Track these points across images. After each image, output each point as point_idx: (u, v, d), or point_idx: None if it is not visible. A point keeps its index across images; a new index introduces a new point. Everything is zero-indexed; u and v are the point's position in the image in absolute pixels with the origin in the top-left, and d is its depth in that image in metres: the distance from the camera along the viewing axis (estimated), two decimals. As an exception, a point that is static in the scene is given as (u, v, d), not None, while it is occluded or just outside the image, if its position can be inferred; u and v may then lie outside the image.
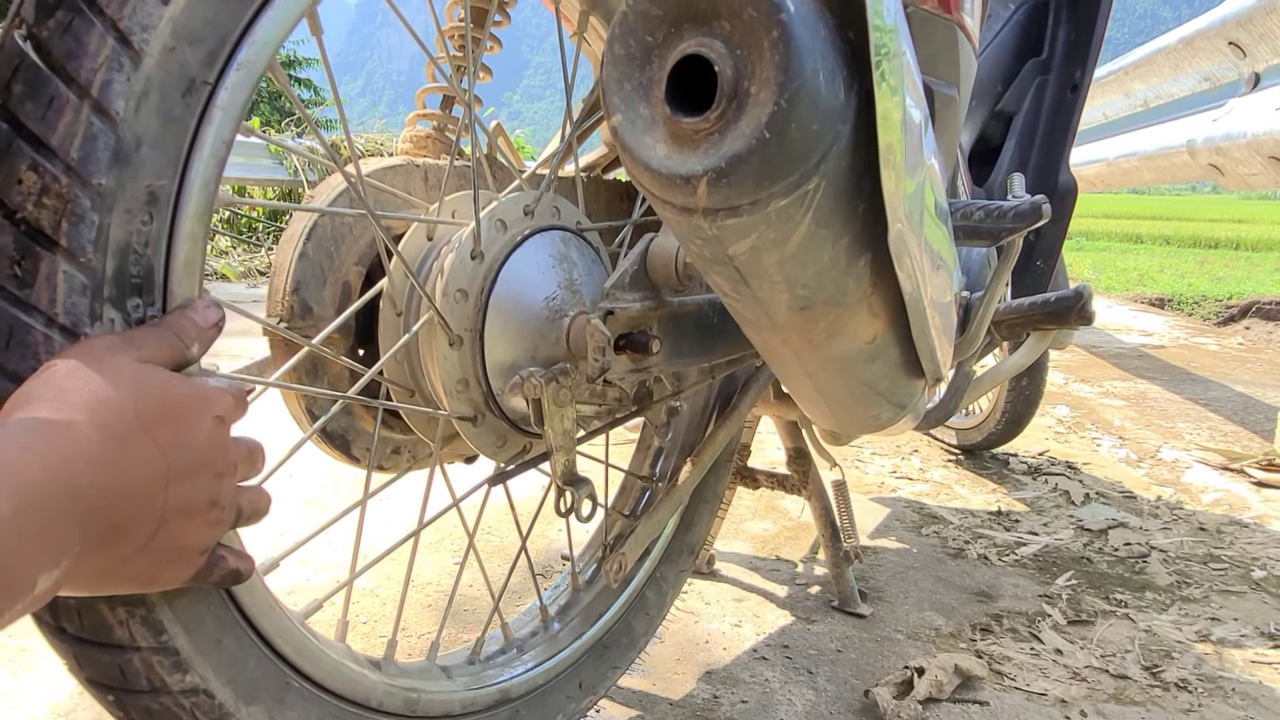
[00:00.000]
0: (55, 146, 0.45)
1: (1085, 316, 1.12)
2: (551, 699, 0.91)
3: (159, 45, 0.47)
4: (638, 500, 1.09)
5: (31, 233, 0.45)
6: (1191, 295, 5.83)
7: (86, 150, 0.45)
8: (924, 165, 0.58)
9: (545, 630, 0.96)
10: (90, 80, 0.45)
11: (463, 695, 0.81)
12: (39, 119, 0.44)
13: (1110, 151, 4.17)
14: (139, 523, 0.44)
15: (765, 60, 0.42)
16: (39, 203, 0.45)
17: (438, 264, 0.74)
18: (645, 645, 1.06)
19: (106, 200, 0.46)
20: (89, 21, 0.45)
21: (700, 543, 1.13)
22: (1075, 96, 1.54)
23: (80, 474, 0.40)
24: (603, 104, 0.48)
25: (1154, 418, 2.79)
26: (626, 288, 0.72)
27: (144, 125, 0.47)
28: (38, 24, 0.45)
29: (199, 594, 0.56)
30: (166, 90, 0.48)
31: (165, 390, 0.46)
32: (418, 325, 0.72)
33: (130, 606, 0.52)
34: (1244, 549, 1.69)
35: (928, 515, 1.83)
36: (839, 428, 0.88)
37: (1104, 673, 1.21)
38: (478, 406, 0.75)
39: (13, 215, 0.45)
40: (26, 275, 0.45)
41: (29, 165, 0.44)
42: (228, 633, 0.58)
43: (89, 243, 0.46)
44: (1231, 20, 2.92)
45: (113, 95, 0.46)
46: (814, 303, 0.56)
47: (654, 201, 0.49)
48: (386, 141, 7.18)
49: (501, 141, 1.02)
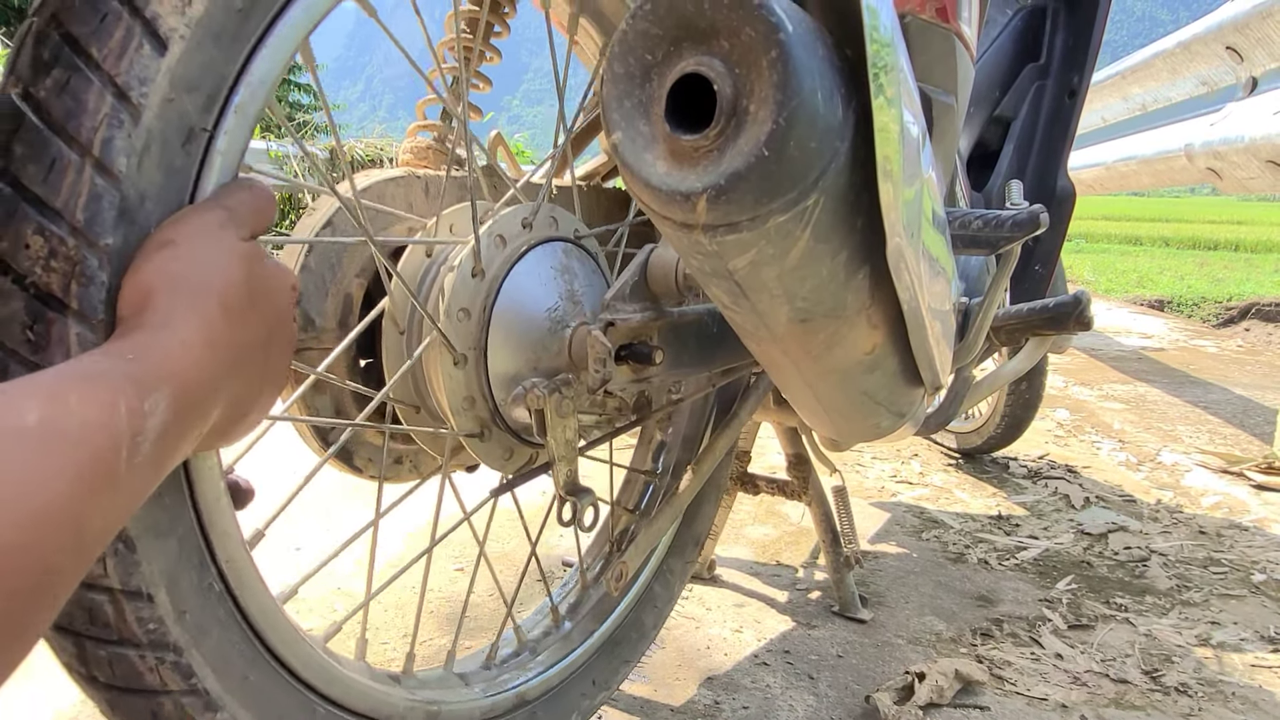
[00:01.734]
0: (60, 209, 0.44)
1: (1084, 322, 1.12)
2: (566, 697, 0.93)
3: (158, 98, 0.46)
4: (641, 494, 1.10)
5: (42, 296, 0.44)
6: (1191, 297, 5.84)
7: (92, 211, 0.45)
8: (921, 176, 0.58)
9: (557, 630, 0.97)
10: (91, 139, 0.44)
11: (482, 703, 0.82)
12: (42, 181, 0.44)
13: (1109, 155, 4.18)
14: (248, 389, 0.48)
15: (764, 79, 0.42)
16: (48, 266, 0.44)
17: (439, 281, 0.74)
18: (654, 638, 1.07)
19: (115, 259, 0.45)
20: (86, 79, 0.44)
21: (705, 534, 1.14)
22: (1073, 102, 1.55)
23: (220, 357, 0.44)
24: (603, 121, 0.48)
25: (1154, 421, 2.79)
26: (627, 299, 0.72)
27: (147, 180, 0.47)
28: (34, 83, 0.44)
29: (225, 636, 0.57)
30: (167, 142, 0.47)
31: (262, 267, 0.49)
32: (421, 347, 0.72)
33: (160, 653, 0.53)
34: (1244, 552, 1.70)
35: (928, 520, 1.84)
36: (839, 436, 0.89)
37: (1104, 677, 1.21)
38: (484, 423, 0.75)
39: (22, 280, 0.44)
40: (40, 339, 0.44)
41: (35, 229, 0.44)
42: (254, 668, 0.59)
43: (100, 303, 0.45)
44: (1229, 25, 2.93)
45: (115, 153, 0.45)
46: (813, 315, 0.57)
47: (654, 218, 0.49)
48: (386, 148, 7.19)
49: (501, 150, 1.02)
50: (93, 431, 0.36)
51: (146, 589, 0.51)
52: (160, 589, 0.52)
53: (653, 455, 1.10)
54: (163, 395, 0.40)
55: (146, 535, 0.51)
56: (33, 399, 0.36)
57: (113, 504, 0.38)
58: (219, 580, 0.57)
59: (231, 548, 0.57)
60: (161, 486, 0.49)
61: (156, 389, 0.40)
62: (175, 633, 0.53)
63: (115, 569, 0.49)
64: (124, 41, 0.45)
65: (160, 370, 0.41)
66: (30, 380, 0.37)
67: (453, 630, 1.29)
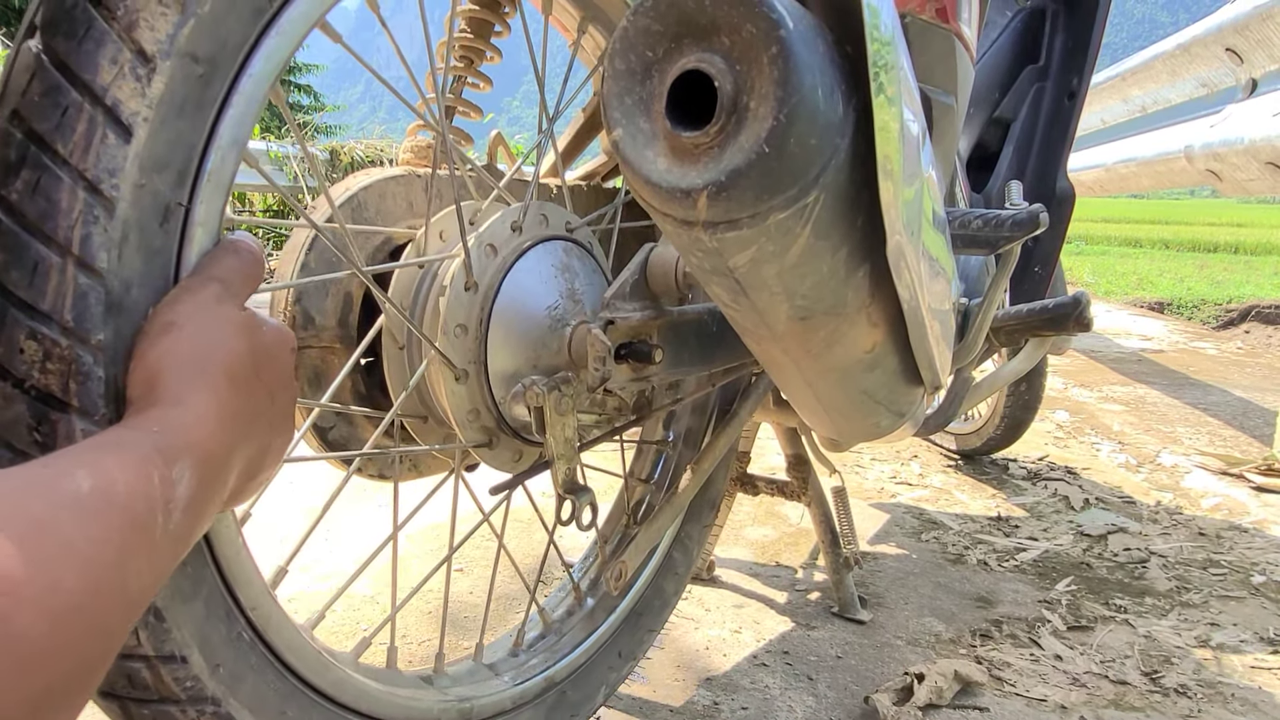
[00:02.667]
0: (49, 311, 0.44)
1: (1083, 323, 1.12)
2: (594, 673, 0.94)
3: (129, 185, 0.46)
4: (654, 465, 1.10)
5: (43, 398, 0.44)
6: (1190, 299, 5.84)
7: (80, 309, 0.45)
8: (921, 175, 0.58)
9: (581, 608, 0.98)
10: (70, 238, 0.44)
11: (512, 692, 0.83)
12: (27, 285, 0.44)
13: (1108, 157, 4.18)
14: (260, 450, 0.50)
15: (764, 76, 0.42)
16: (44, 369, 0.44)
17: (432, 295, 0.74)
18: (676, 605, 1.07)
19: (109, 352, 0.46)
20: (56, 177, 0.44)
21: (720, 497, 1.14)
22: (1072, 103, 1.55)
23: (233, 428, 0.46)
24: (603, 117, 0.48)
25: (1153, 422, 2.79)
26: (627, 297, 0.72)
27: (129, 268, 0.46)
28: (6, 186, 0.43)
29: (259, 679, 0.58)
30: (144, 226, 0.47)
31: (263, 335, 0.50)
32: (420, 369, 0.72)
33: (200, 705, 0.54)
34: (1243, 554, 1.70)
35: (927, 521, 1.84)
36: (838, 435, 0.89)
37: (1104, 678, 1.21)
38: (490, 431, 0.75)
39: (22, 384, 0.44)
40: (46, 439, 0.45)
41: (27, 334, 0.44)
42: (290, 702, 0.60)
43: (100, 398, 0.45)
44: (1229, 27, 2.93)
45: (94, 249, 0.45)
46: (813, 313, 0.57)
47: (654, 214, 0.49)
48: (386, 149, 7.19)
49: (501, 151, 1.02)
50: (135, 499, 0.38)
51: (180, 652, 0.52)
52: (193, 649, 0.53)
53: (663, 424, 1.11)
54: (186, 465, 0.41)
55: (174, 603, 0.52)
56: (82, 468, 0.37)
57: (150, 569, 0.39)
58: (248, 629, 0.58)
59: (256, 595, 0.58)
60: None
61: (180, 459, 0.41)
62: (211, 686, 0.54)
63: (148, 639, 0.51)
64: (89, 134, 0.44)
65: (181, 442, 0.42)
66: (72, 451, 0.38)
67: (453, 630, 1.28)
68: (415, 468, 0.84)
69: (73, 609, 0.33)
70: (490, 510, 0.82)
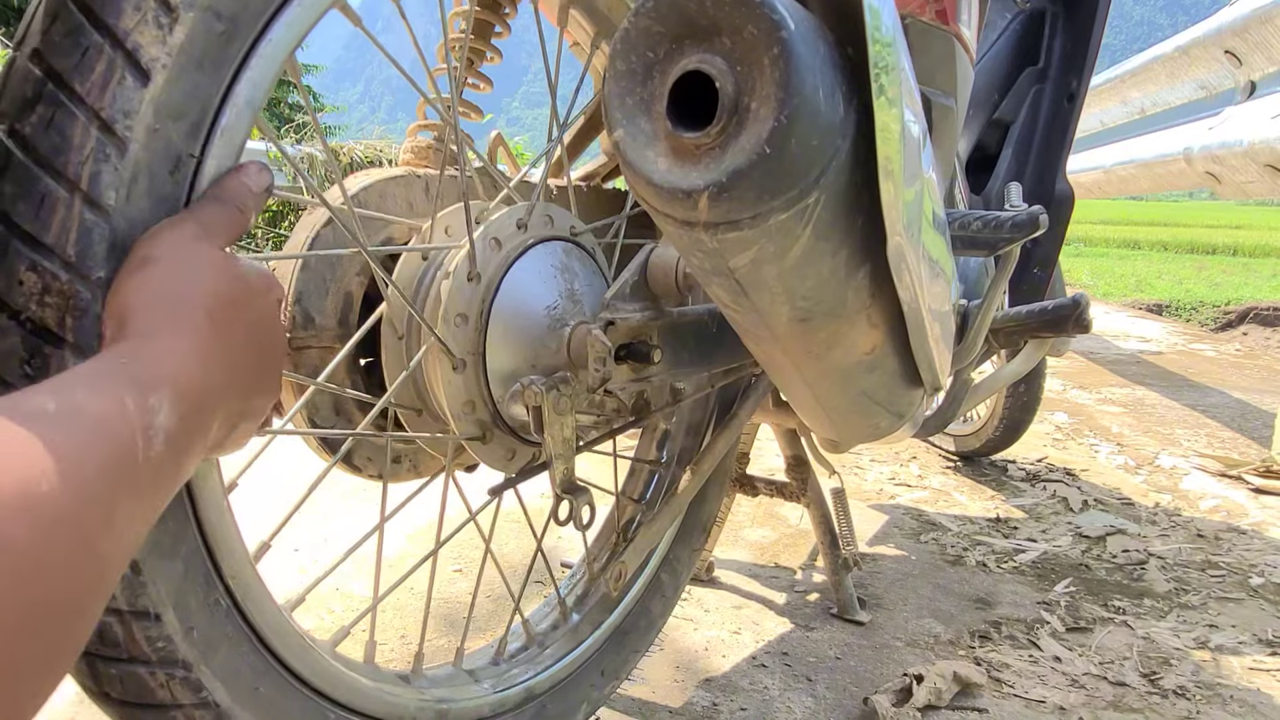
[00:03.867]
0: (52, 245, 0.44)
1: (1082, 324, 1.12)
2: (576, 689, 0.93)
3: (143, 128, 0.46)
4: (646, 484, 1.10)
5: (38, 331, 0.45)
6: (1189, 301, 5.84)
7: (83, 245, 0.45)
8: (922, 177, 0.58)
9: (565, 623, 0.97)
10: (79, 174, 0.44)
11: (491, 699, 0.82)
12: (33, 218, 0.44)
13: (1107, 159, 4.19)
14: (242, 397, 0.48)
15: (766, 77, 0.42)
16: (42, 302, 0.44)
17: (435, 285, 0.74)
18: (663, 627, 1.06)
19: (107, 291, 0.45)
20: (71, 114, 0.44)
21: (712, 519, 1.14)
22: (1072, 106, 1.55)
23: (211, 365, 0.44)
24: (605, 118, 0.48)
25: (1152, 424, 2.79)
26: (627, 298, 0.72)
27: (136, 210, 0.47)
28: (19, 120, 0.44)
29: (234, 649, 0.57)
30: (155, 172, 0.47)
31: (242, 276, 0.48)
32: (419, 355, 0.72)
33: (170, 669, 0.53)
34: (1242, 556, 1.70)
35: (926, 522, 1.84)
36: (838, 436, 0.89)
37: (1102, 680, 1.21)
38: (485, 425, 0.75)
39: (18, 316, 0.44)
40: (38, 372, 0.45)
41: (28, 266, 0.44)
42: (263, 679, 0.59)
43: (95, 336, 0.45)
44: (1228, 29, 2.94)
45: (103, 186, 0.45)
46: (813, 314, 0.57)
47: (655, 215, 0.49)
48: (386, 149, 7.18)
49: (501, 151, 1.02)
50: (109, 420, 0.36)
51: (154, 609, 0.51)
52: (167, 608, 0.52)
53: (657, 445, 1.10)
54: (163, 396, 0.40)
55: (151, 557, 0.51)
56: (44, 394, 0.36)
57: (135, 499, 0.37)
58: (226, 596, 0.57)
59: (237, 564, 0.57)
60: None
61: (156, 389, 0.40)
62: (184, 649, 0.54)
63: (122, 591, 0.50)
64: (106, 75, 0.45)
65: (156, 373, 0.40)
66: (35, 386, 0.37)
67: (451, 630, 1.28)
68: (414, 468, 0.84)
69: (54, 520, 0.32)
70: (478, 510, 0.81)
